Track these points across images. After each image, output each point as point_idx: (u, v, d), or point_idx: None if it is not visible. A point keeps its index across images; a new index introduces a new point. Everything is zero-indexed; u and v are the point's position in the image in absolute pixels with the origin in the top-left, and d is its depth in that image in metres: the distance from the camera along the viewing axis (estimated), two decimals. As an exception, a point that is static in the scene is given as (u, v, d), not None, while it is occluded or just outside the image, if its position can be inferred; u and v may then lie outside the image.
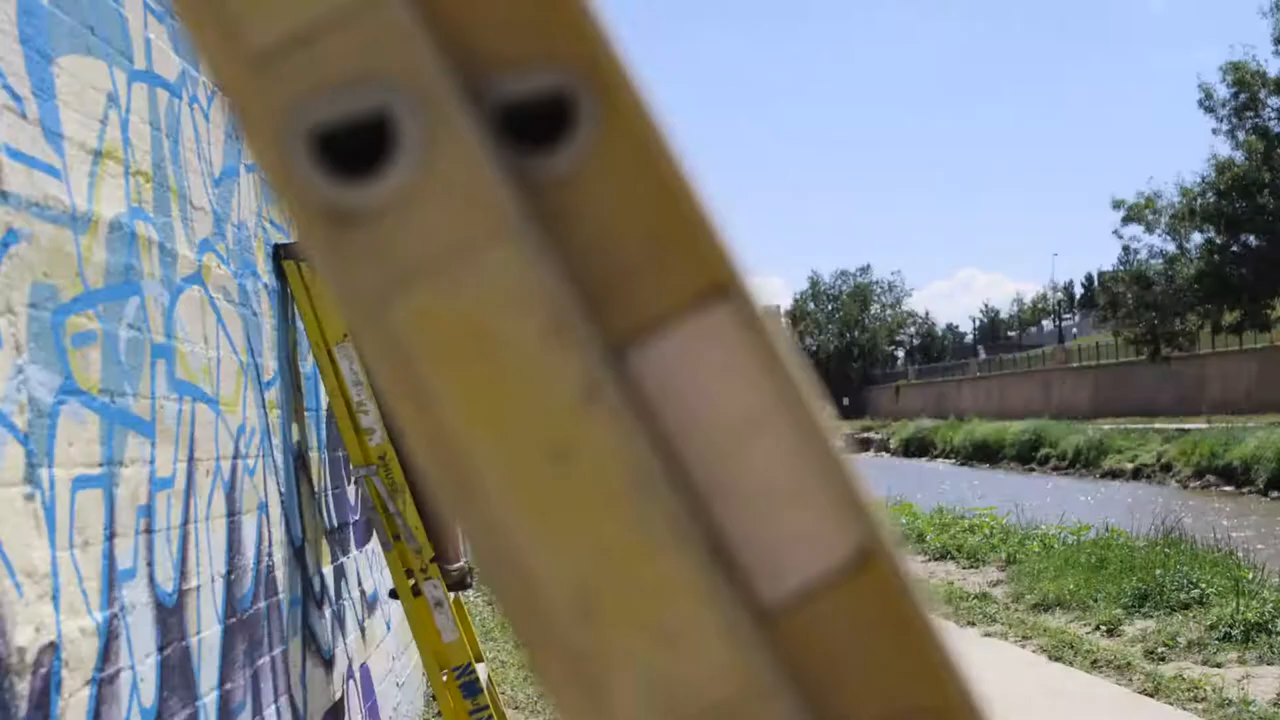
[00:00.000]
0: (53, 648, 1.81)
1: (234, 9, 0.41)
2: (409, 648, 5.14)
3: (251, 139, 0.41)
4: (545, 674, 0.41)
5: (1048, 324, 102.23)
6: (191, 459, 2.51)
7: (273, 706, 2.93)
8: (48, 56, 2.03)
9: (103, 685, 1.97)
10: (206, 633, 2.49)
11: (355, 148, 0.41)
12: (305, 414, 3.61)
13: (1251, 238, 33.56)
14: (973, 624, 8.54)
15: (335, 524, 3.87)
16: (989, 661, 6.78)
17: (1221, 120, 33.41)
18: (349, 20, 0.40)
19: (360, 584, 4.25)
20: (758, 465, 0.42)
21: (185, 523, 2.43)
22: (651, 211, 0.42)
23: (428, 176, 0.40)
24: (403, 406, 0.41)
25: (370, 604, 4.40)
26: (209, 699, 2.46)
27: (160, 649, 2.23)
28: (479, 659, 3.67)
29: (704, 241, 0.42)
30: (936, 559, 11.88)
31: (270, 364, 3.28)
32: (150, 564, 2.23)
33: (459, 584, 3.59)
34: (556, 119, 0.42)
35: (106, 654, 1.99)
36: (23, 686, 1.71)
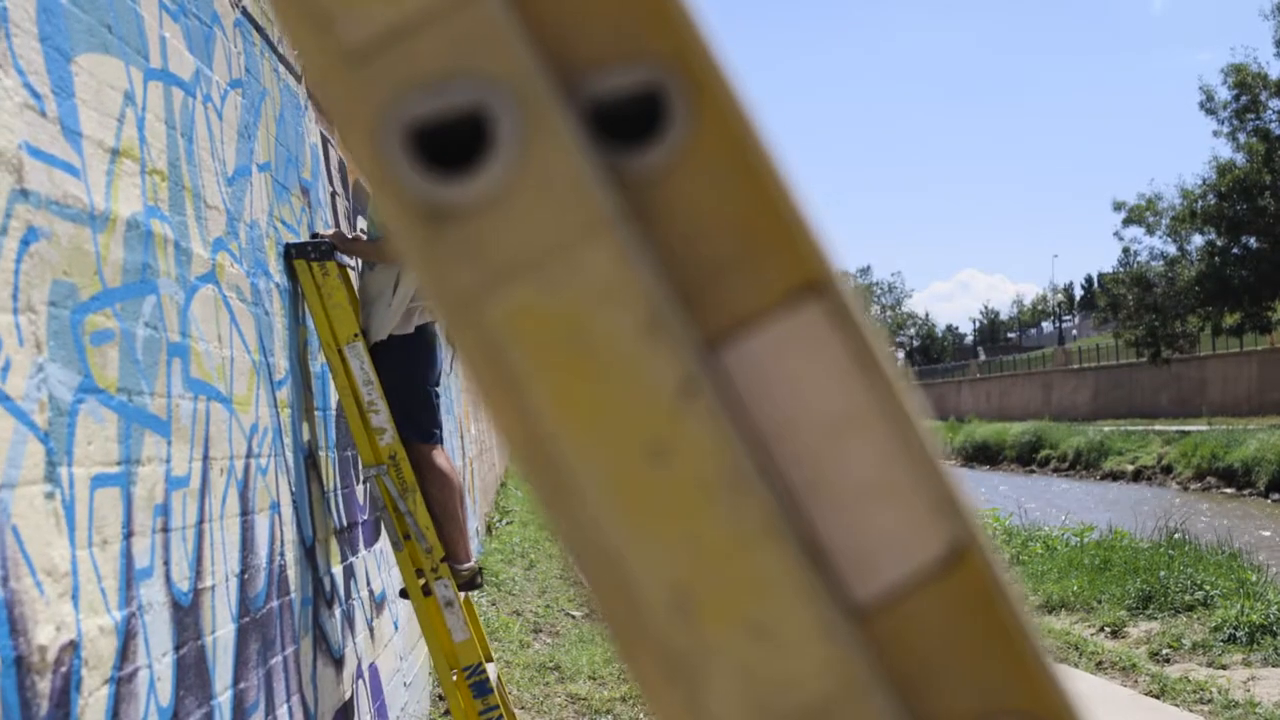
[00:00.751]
0: (73, 646, 1.80)
1: (327, 5, 0.40)
2: (416, 648, 5.14)
3: (346, 135, 0.41)
4: (639, 671, 0.40)
5: (1048, 325, 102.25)
6: (206, 458, 2.51)
7: (285, 706, 2.92)
8: (66, 55, 2.03)
9: (121, 684, 1.97)
10: (221, 632, 2.49)
11: (450, 144, 0.41)
12: (315, 413, 3.61)
13: (1252, 240, 33.53)
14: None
15: (344, 523, 3.87)
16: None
17: (1223, 122, 33.39)
18: (443, 16, 0.40)
19: (369, 584, 4.25)
20: (850, 463, 0.42)
21: (200, 522, 2.43)
22: (744, 208, 0.42)
23: (524, 174, 0.40)
24: (497, 404, 0.41)
25: (378, 604, 4.40)
26: (224, 698, 2.46)
27: (176, 648, 2.23)
28: (489, 659, 3.67)
29: (797, 238, 0.42)
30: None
31: (282, 363, 3.28)
32: (167, 563, 2.23)
33: (469, 584, 3.59)
34: (648, 116, 0.42)
35: (125, 653, 1.99)
36: (44, 685, 1.71)
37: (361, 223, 4.95)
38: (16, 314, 1.77)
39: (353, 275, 3.90)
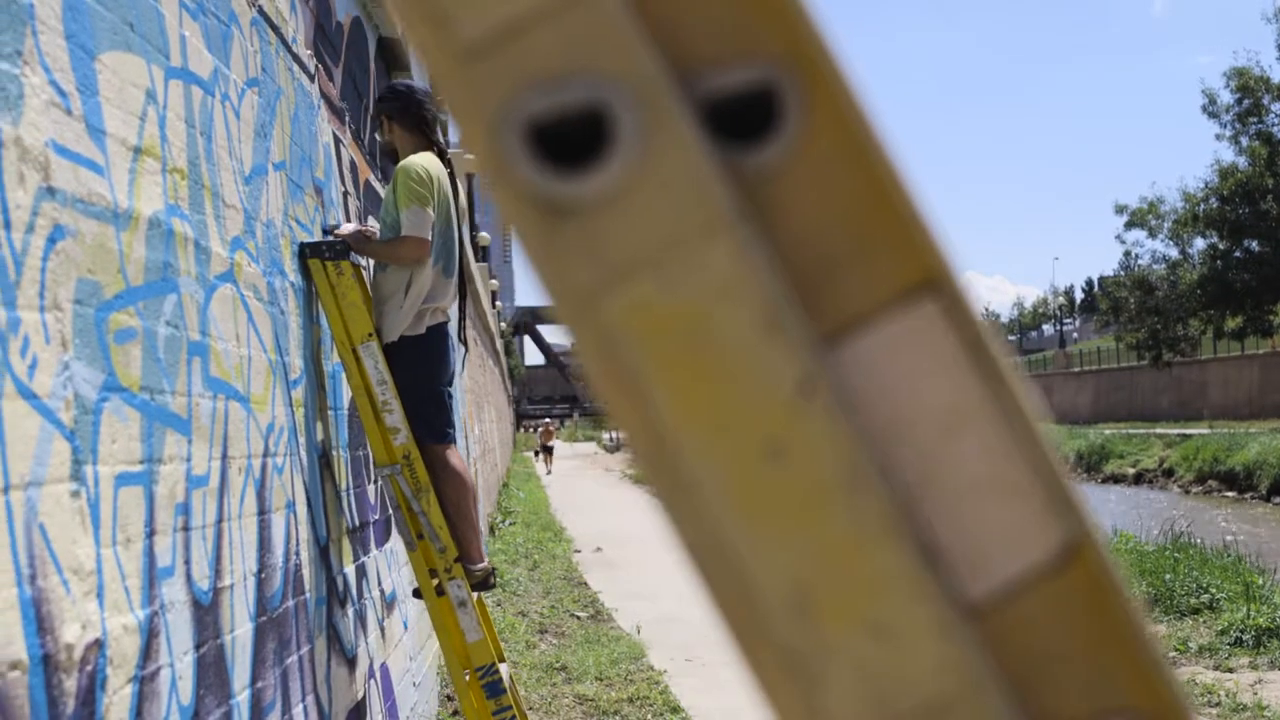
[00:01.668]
0: (98, 645, 1.80)
1: (446, 2, 0.40)
2: (425, 648, 5.14)
3: (465, 131, 0.41)
4: (757, 669, 0.40)
5: (1048, 328, 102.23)
6: (225, 457, 2.51)
7: (300, 705, 2.92)
8: (91, 52, 2.03)
9: (144, 683, 1.96)
10: (239, 631, 2.49)
11: (567, 140, 0.41)
12: (329, 413, 3.61)
13: (1254, 243, 33.53)
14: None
15: (357, 523, 3.87)
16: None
17: (1225, 126, 33.39)
18: (561, 13, 0.40)
19: (380, 583, 4.25)
20: (964, 460, 0.41)
21: (219, 521, 2.43)
22: (859, 206, 0.42)
23: (644, 171, 0.40)
24: (614, 400, 0.41)
25: (389, 603, 4.40)
26: (242, 698, 2.46)
27: (197, 647, 2.22)
28: (501, 659, 3.67)
29: (913, 235, 0.42)
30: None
31: (297, 362, 3.27)
32: (187, 562, 2.22)
33: (482, 584, 3.59)
34: (761, 114, 0.42)
35: (148, 652, 1.99)
36: (70, 684, 1.71)
37: (372, 223, 4.95)
38: (43, 312, 1.77)
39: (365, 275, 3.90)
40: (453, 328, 3.87)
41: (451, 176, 3.83)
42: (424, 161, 3.74)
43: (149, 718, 1.97)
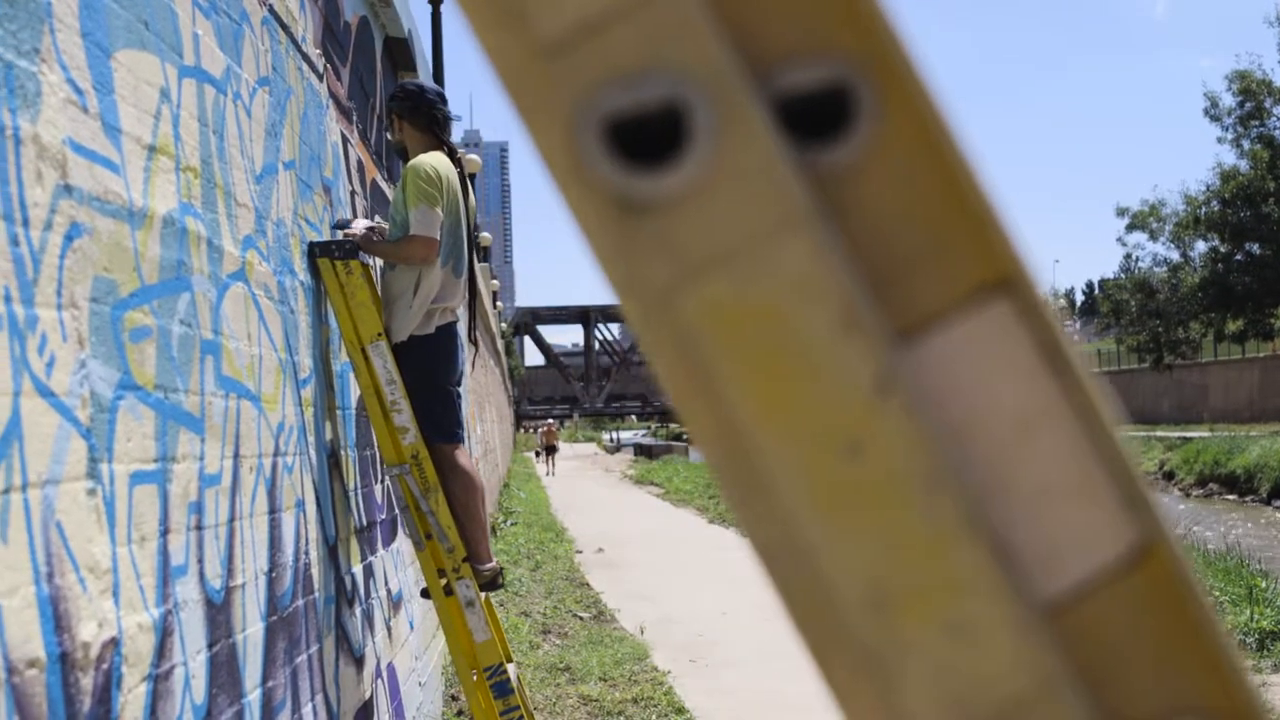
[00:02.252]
0: (114, 643, 1.80)
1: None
2: (430, 647, 5.14)
3: (538, 127, 0.41)
4: (832, 668, 0.40)
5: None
6: (237, 456, 2.51)
7: (309, 705, 2.92)
8: (106, 50, 2.03)
9: (158, 682, 1.96)
10: (251, 630, 2.48)
11: (641, 137, 0.40)
12: (337, 412, 3.61)
13: (1256, 246, 33.52)
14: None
15: (364, 523, 3.87)
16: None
17: (1227, 129, 33.38)
18: (639, 9, 0.40)
19: (386, 583, 4.25)
20: (1037, 460, 0.41)
21: (232, 519, 2.43)
22: (933, 204, 0.41)
23: (720, 168, 0.40)
24: (688, 398, 0.41)
25: (395, 603, 4.40)
26: (253, 697, 2.45)
27: (210, 646, 2.22)
28: (509, 659, 3.67)
29: (987, 234, 0.41)
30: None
31: (306, 362, 3.27)
32: (200, 561, 2.22)
33: (491, 584, 3.58)
34: (834, 111, 0.42)
35: (162, 650, 1.99)
36: (87, 682, 1.71)
37: (379, 220, 4.95)
38: (60, 310, 1.77)
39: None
40: (461, 327, 3.86)
41: (461, 176, 3.83)
42: (433, 161, 3.74)
43: (163, 716, 1.97)
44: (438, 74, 13.17)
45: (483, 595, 3.56)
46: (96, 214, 1.91)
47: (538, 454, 38.94)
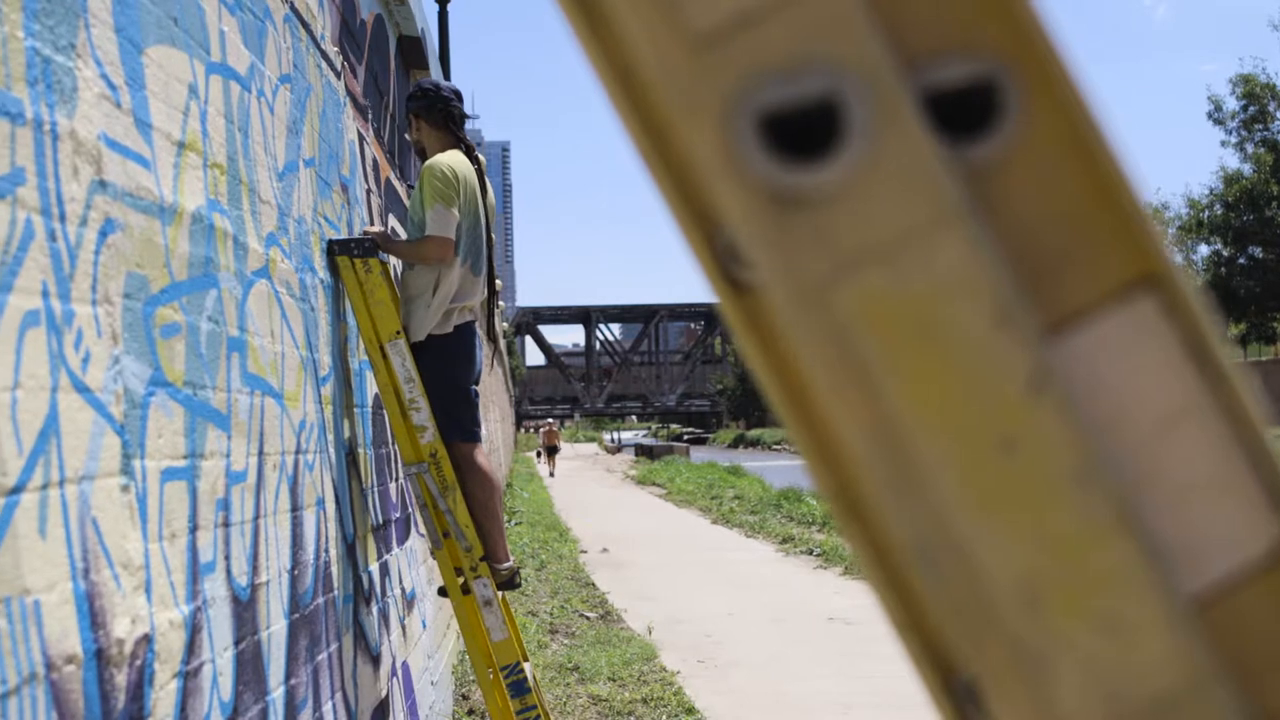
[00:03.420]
0: (147, 640, 1.80)
1: (675, -9, 0.40)
2: (441, 646, 5.14)
3: (692, 121, 0.41)
4: (985, 664, 0.40)
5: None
6: (261, 453, 2.51)
7: (329, 703, 2.92)
8: (138, 46, 2.03)
9: (188, 678, 1.96)
10: (275, 628, 2.48)
11: (795, 130, 0.40)
12: (355, 410, 3.61)
13: (1259, 250, 33.55)
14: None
15: (380, 521, 3.87)
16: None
17: (1230, 132, 33.40)
18: (793, 2, 0.40)
19: (401, 582, 4.25)
20: (1182, 455, 0.41)
21: (256, 517, 2.43)
22: (1081, 201, 0.42)
23: (876, 162, 0.40)
24: (843, 391, 0.41)
25: (409, 601, 4.40)
26: (277, 694, 2.45)
27: (236, 643, 2.22)
28: (525, 658, 3.66)
29: (1134, 231, 0.42)
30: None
31: (325, 359, 3.27)
32: (228, 557, 2.22)
33: (508, 583, 3.58)
34: (979, 106, 0.42)
35: (191, 647, 1.99)
36: (121, 679, 1.71)
37: (392, 220, 4.95)
38: (95, 305, 1.77)
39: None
40: (479, 325, 3.86)
41: (480, 174, 3.83)
42: (450, 160, 3.74)
43: (193, 713, 1.97)
44: (444, 74, 13.18)
45: (500, 594, 3.56)
46: (129, 210, 1.91)
47: (539, 454, 38.95)
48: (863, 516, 0.49)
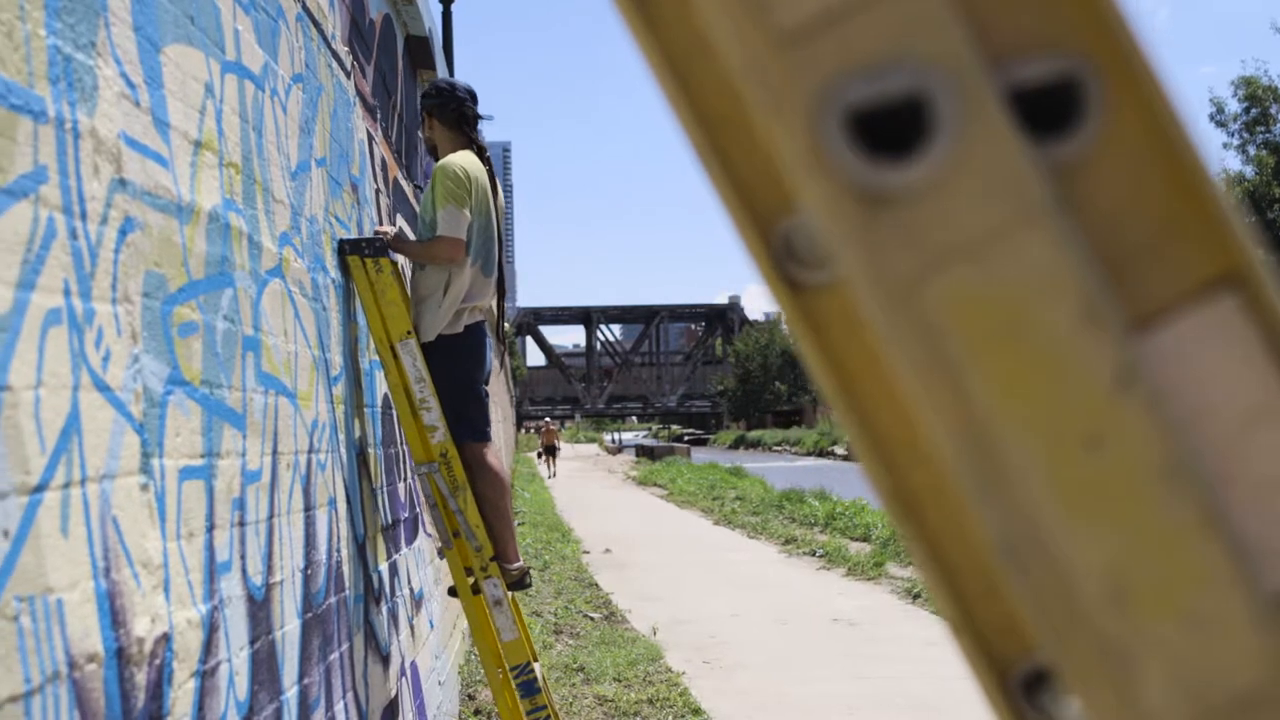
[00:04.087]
0: (165, 639, 1.80)
1: (761, -13, 0.40)
2: (448, 646, 5.14)
3: (779, 118, 0.41)
4: (1071, 660, 0.40)
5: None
6: (275, 452, 2.51)
7: (341, 703, 2.92)
8: (156, 45, 2.03)
9: (205, 678, 1.96)
10: (289, 627, 2.48)
11: (883, 127, 0.41)
12: (365, 410, 3.61)
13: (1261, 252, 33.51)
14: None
15: (389, 520, 3.87)
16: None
17: (1232, 135, 33.39)
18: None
19: (409, 581, 4.25)
20: (1264, 453, 0.41)
21: (271, 516, 2.43)
22: (1163, 198, 0.42)
23: (964, 160, 0.40)
24: (931, 389, 0.41)
25: (418, 601, 4.40)
26: (291, 694, 2.45)
27: (251, 642, 2.22)
28: (535, 658, 3.66)
29: (1216, 228, 0.42)
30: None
31: (337, 359, 3.28)
32: (243, 557, 2.22)
33: (518, 583, 3.58)
34: (1062, 104, 0.42)
35: (209, 646, 1.99)
36: (141, 677, 1.71)
37: (399, 221, 4.95)
38: (115, 304, 1.77)
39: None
40: (489, 325, 3.86)
41: (491, 174, 3.83)
42: (462, 160, 3.74)
43: (210, 712, 1.97)
44: (448, 73, 13.17)
45: (510, 594, 3.55)
46: (148, 209, 1.91)
47: (539, 455, 38.94)
48: (919, 516, 0.49)
